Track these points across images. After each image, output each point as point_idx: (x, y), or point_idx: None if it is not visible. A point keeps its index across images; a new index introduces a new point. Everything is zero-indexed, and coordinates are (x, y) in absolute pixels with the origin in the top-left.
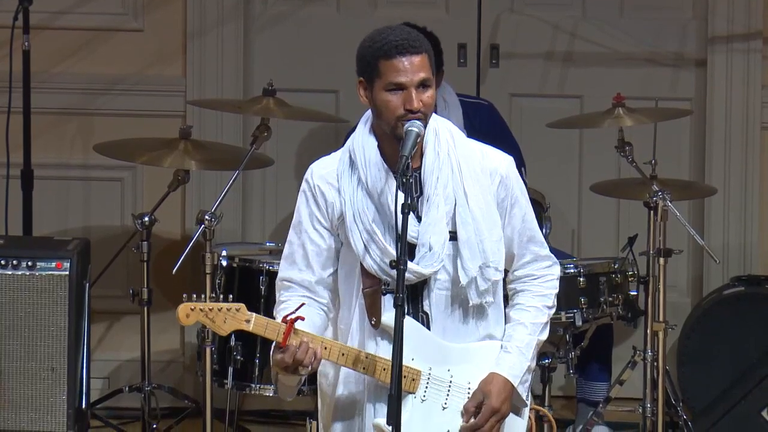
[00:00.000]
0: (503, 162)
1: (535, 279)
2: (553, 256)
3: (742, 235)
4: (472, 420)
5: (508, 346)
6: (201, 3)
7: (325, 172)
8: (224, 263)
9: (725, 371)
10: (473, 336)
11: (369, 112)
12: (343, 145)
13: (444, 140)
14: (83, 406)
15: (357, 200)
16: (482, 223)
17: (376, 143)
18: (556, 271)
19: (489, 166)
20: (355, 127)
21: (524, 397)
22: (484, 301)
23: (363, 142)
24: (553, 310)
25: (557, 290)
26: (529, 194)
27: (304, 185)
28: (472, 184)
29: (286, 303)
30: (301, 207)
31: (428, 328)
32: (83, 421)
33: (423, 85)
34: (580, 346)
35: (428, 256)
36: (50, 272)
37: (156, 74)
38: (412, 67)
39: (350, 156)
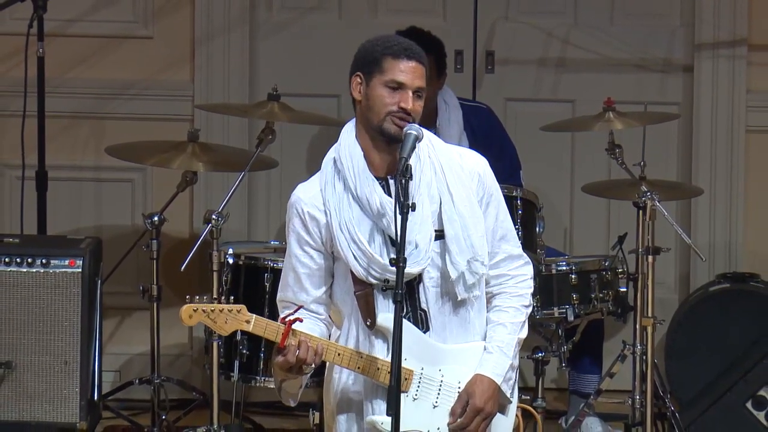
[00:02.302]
0: (480, 162)
1: (510, 279)
2: (525, 255)
3: (728, 233)
4: (459, 420)
5: (490, 347)
6: (208, 11)
7: (311, 195)
8: (230, 261)
9: (711, 365)
10: (471, 329)
11: (350, 124)
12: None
13: (423, 144)
14: (95, 397)
15: (343, 209)
16: (468, 220)
17: (362, 153)
18: (529, 270)
19: (467, 165)
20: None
21: (509, 395)
22: (472, 294)
23: (350, 151)
24: (530, 309)
25: (532, 289)
26: (523, 195)
27: (290, 212)
28: (456, 183)
29: (286, 312)
30: (289, 232)
31: (427, 324)
32: (95, 413)
33: (418, 93)
34: (572, 340)
35: (414, 254)
36: (63, 270)
37: (165, 79)
38: (414, 72)
39: (335, 165)
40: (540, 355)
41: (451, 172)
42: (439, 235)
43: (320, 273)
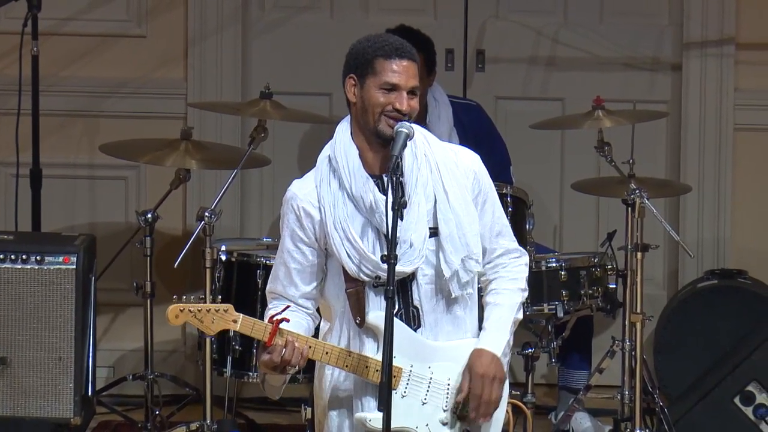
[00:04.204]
0: (474, 159)
1: (506, 266)
2: (521, 249)
3: (716, 230)
4: (467, 389)
5: (487, 325)
6: (201, 10)
7: (306, 191)
8: (223, 258)
9: (699, 360)
10: (463, 326)
11: (345, 122)
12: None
13: (420, 143)
14: (89, 393)
15: (337, 207)
16: (463, 218)
17: (357, 151)
18: (525, 260)
19: (462, 163)
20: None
21: (505, 371)
22: (465, 292)
23: (345, 150)
24: (526, 293)
25: (527, 275)
26: (513, 192)
27: (286, 207)
28: (451, 181)
29: (274, 309)
30: (283, 227)
31: (419, 321)
32: (89, 408)
33: (412, 92)
34: (561, 336)
35: (409, 253)
36: (58, 266)
37: (158, 78)
38: (407, 71)
39: (330, 163)
40: (530, 350)
41: (446, 170)
42: (433, 232)
43: (311, 269)
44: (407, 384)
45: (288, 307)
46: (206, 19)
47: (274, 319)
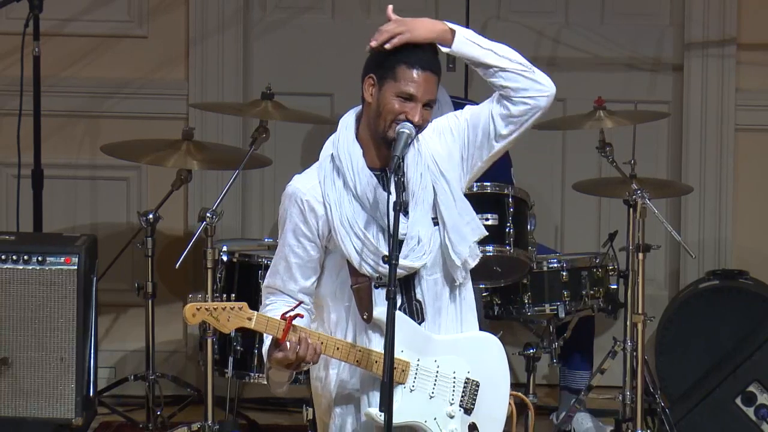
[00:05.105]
0: (442, 120)
1: None
2: None
3: (717, 231)
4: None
5: None
6: (203, 10)
7: (309, 186)
8: (225, 258)
9: (701, 361)
10: (466, 313)
11: (350, 117)
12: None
13: (421, 138)
14: (91, 394)
15: (343, 204)
16: (466, 203)
17: (361, 151)
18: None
19: (439, 127)
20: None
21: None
22: (462, 276)
23: (349, 148)
24: (530, 69)
25: (532, 73)
26: (514, 192)
27: (288, 202)
28: (447, 168)
29: (271, 305)
30: (285, 221)
31: (423, 315)
32: (91, 409)
33: (428, 104)
34: (563, 336)
35: (417, 249)
36: (59, 267)
37: (160, 78)
38: (426, 84)
39: (333, 161)
40: (531, 351)
41: (440, 158)
42: (434, 222)
43: (312, 265)
44: (415, 378)
45: (300, 303)
46: (207, 20)
47: (287, 315)
